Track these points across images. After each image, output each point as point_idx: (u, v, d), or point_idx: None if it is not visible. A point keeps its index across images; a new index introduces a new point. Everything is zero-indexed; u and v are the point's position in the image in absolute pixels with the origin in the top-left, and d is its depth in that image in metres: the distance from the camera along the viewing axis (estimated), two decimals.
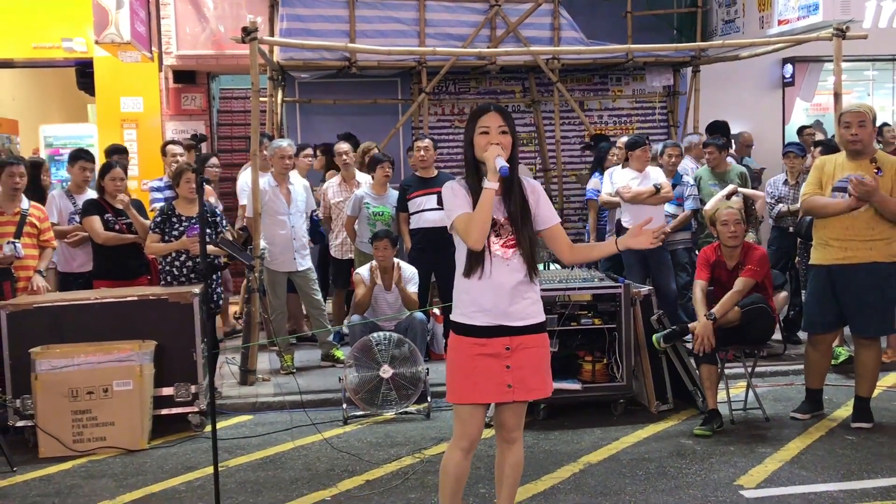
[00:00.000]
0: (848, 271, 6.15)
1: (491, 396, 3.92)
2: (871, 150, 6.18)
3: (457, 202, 3.88)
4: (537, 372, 3.97)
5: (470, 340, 3.90)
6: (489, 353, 3.88)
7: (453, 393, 3.97)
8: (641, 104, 11.73)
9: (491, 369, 3.88)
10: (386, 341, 6.79)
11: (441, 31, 10.45)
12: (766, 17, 10.63)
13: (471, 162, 3.93)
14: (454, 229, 3.89)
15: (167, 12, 11.73)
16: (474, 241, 3.78)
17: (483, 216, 3.77)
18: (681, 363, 6.83)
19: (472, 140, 3.89)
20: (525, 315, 3.91)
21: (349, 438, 6.33)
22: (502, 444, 4.13)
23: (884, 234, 6.08)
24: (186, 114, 12.21)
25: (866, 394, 6.35)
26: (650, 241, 4.06)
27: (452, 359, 3.98)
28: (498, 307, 3.86)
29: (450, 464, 4.02)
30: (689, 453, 5.83)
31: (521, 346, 3.90)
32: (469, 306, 3.90)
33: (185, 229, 7.03)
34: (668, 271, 8.41)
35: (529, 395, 3.97)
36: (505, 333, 3.88)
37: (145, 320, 6.45)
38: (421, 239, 8.26)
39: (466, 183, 3.93)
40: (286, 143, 8.13)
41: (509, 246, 3.89)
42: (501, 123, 3.85)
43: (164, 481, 5.56)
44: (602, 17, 11.51)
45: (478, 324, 3.88)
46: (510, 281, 3.87)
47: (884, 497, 4.99)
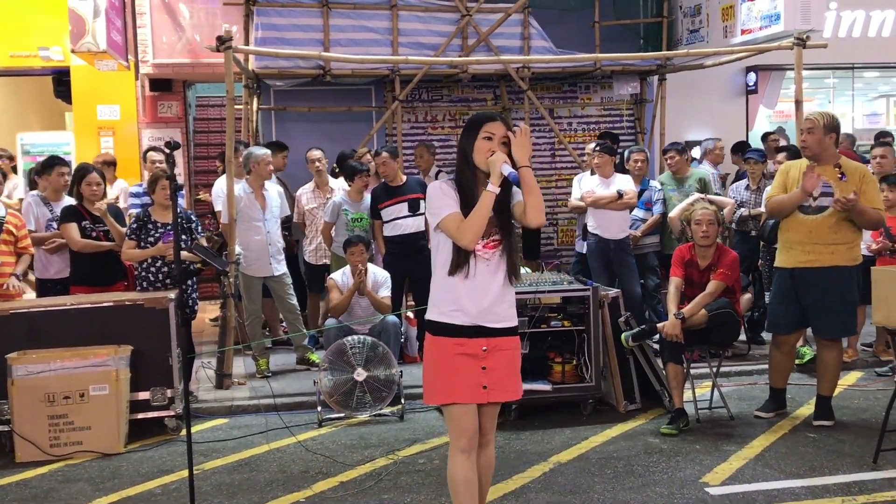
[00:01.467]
0: (810, 274, 6.20)
1: (467, 397, 3.86)
2: (833, 156, 6.22)
3: (445, 201, 3.81)
4: (511, 374, 3.95)
5: (449, 340, 3.85)
6: (467, 352, 3.84)
7: (432, 393, 3.94)
8: (609, 112, 11.80)
9: (468, 369, 3.84)
10: (360, 345, 6.77)
11: (414, 40, 10.45)
12: (730, 26, 10.70)
13: (470, 163, 3.85)
14: (441, 228, 3.83)
15: (143, 21, 11.63)
16: (469, 241, 3.75)
17: (481, 219, 3.73)
18: (648, 363, 6.87)
19: (473, 143, 3.83)
20: (503, 317, 3.89)
21: (324, 441, 6.31)
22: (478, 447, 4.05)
23: (846, 239, 6.15)
24: (163, 121, 12.13)
25: (828, 393, 6.41)
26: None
27: (431, 359, 3.94)
28: (478, 307, 3.82)
29: (455, 470, 3.91)
30: (656, 452, 5.86)
31: (496, 348, 3.87)
32: (449, 305, 3.85)
33: (160, 235, 6.98)
34: (632, 275, 8.45)
35: (503, 396, 3.94)
36: (482, 334, 3.85)
37: (121, 325, 6.39)
38: (396, 245, 8.25)
39: (456, 183, 3.88)
40: (263, 151, 8.08)
41: (492, 246, 3.86)
42: (505, 134, 3.81)
43: (141, 485, 5.51)
44: (571, 27, 11.54)
45: (457, 323, 3.83)
46: (492, 282, 3.84)
47: (844, 493, 5.03)
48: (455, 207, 3.80)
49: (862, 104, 15.59)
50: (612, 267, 8.49)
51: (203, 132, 13.75)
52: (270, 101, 10.81)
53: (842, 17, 12.84)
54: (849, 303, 6.28)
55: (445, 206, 3.80)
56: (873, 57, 13.32)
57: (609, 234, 8.44)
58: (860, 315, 7.59)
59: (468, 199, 3.80)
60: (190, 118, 12.89)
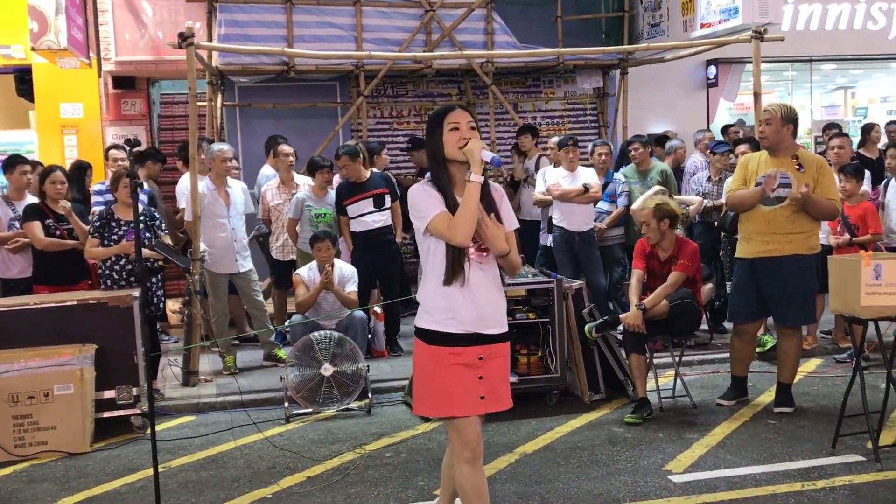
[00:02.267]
0: (770, 264, 6.27)
1: (467, 409, 3.67)
2: (790, 147, 6.29)
3: (431, 202, 3.62)
4: (504, 382, 3.80)
5: (444, 350, 3.66)
6: (463, 362, 3.65)
7: (428, 406, 3.75)
8: (573, 105, 11.86)
9: (465, 380, 3.66)
10: (327, 340, 6.74)
11: (378, 35, 10.44)
12: (690, 20, 10.78)
13: (441, 162, 3.67)
14: (431, 230, 3.62)
15: (105, 19, 11.49)
16: (463, 238, 3.55)
17: (472, 211, 3.54)
18: (612, 354, 6.90)
19: (440, 139, 3.64)
20: (497, 323, 3.73)
21: (291, 436, 6.28)
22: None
23: (804, 228, 6.22)
24: (127, 119, 11.99)
25: (788, 380, 6.48)
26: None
27: (425, 370, 3.73)
28: (474, 314, 3.64)
29: (462, 482, 3.75)
30: (620, 441, 5.89)
31: (491, 356, 3.71)
32: (443, 313, 3.65)
33: (124, 233, 6.91)
34: (596, 267, 8.50)
35: (499, 405, 3.76)
36: (478, 342, 3.67)
37: (86, 324, 6.32)
38: (363, 240, 8.22)
39: (434, 184, 3.69)
40: (226, 146, 8.02)
41: (484, 250, 3.68)
42: (470, 119, 3.65)
43: (107, 483, 5.45)
44: (533, 22, 11.58)
45: (452, 331, 3.64)
46: (485, 286, 3.68)
47: (804, 478, 5.09)
48: (441, 207, 3.60)
49: (820, 96, 15.80)
50: (577, 259, 8.53)
51: (168, 129, 13.61)
52: (235, 98, 10.75)
53: (799, 11, 12.95)
54: (808, 291, 6.36)
55: (431, 207, 3.61)
56: (830, 50, 13.45)
57: (574, 227, 8.47)
58: (819, 303, 7.67)
59: (451, 200, 3.62)
60: (154, 116, 12.76)
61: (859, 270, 5.16)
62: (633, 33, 12.22)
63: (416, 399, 3.82)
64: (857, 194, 7.55)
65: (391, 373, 7.65)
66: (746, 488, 4.97)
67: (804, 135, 14.83)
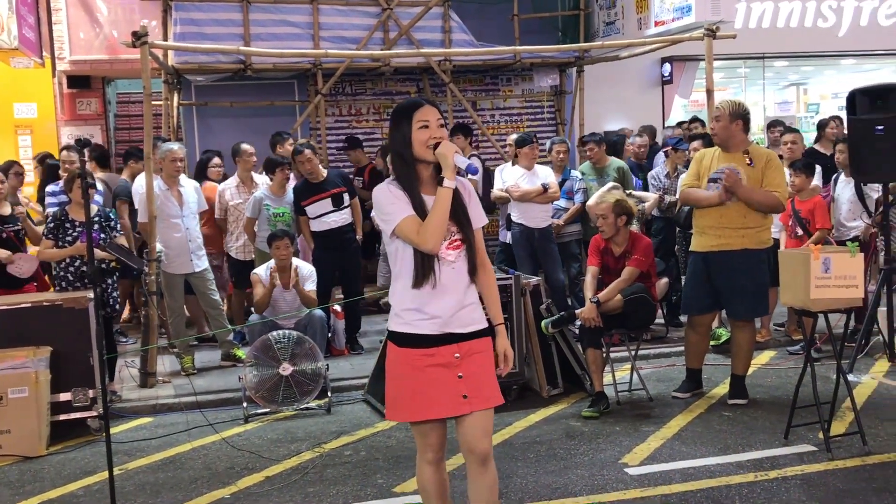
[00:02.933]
0: (722, 257, 6.34)
1: (446, 410, 3.51)
2: (741, 143, 6.36)
3: (398, 205, 3.44)
4: (489, 378, 3.59)
5: (416, 352, 3.49)
6: (438, 362, 3.48)
7: (403, 410, 3.56)
8: (530, 103, 11.87)
9: (443, 380, 3.48)
10: (285, 339, 6.70)
11: (335, 34, 10.38)
12: (644, 18, 10.85)
13: (409, 161, 3.49)
14: (398, 234, 3.45)
15: (59, 17, 11.35)
16: (433, 245, 3.40)
17: (443, 219, 3.40)
18: (569, 349, 6.93)
19: (409, 137, 3.45)
20: (471, 321, 3.55)
21: (250, 436, 6.23)
22: (473, 468, 3.59)
23: (756, 223, 6.29)
24: (82, 119, 11.85)
25: (741, 372, 6.55)
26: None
27: (397, 374, 3.55)
28: (446, 314, 3.48)
29: (423, 481, 3.68)
30: (578, 434, 5.92)
31: (469, 352, 3.52)
32: (414, 315, 3.49)
33: (78, 234, 6.81)
34: (555, 263, 8.54)
35: (487, 402, 3.55)
36: (453, 340, 3.50)
37: (40, 327, 6.23)
38: (324, 240, 8.16)
39: (400, 183, 3.52)
40: (176, 146, 7.92)
41: (455, 248, 3.52)
42: (439, 117, 3.48)
43: (62, 487, 5.38)
44: (490, 20, 11.59)
45: (423, 333, 3.49)
46: (457, 285, 3.51)
47: (757, 469, 5.15)
48: (409, 210, 3.44)
49: (773, 93, 15.99)
50: (536, 255, 8.56)
51: (125, 129, 13.46)
52: (192, 97, 10.62)
53: (752, 9, 13.11)
54: (759, 285, 6.43)
55: (398, 211, 3.44)
56: (782, 47, 13.63)
57: (533, 224, 8.51)
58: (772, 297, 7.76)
59: (417, 200, 3.46)
60: (110, 115, 12.61)
61: (809, 264, 5.23)
62: (588, 31, 12.27)
63: (390, 405, 3.62)
64: (807, 189, 7.64)
65: (351, 371, 7.63)
66: (701, 480, 5.01)
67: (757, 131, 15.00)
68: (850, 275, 5.27)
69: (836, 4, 13.47)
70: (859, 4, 13.52)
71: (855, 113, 7.31)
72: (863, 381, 6.90)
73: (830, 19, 13.51)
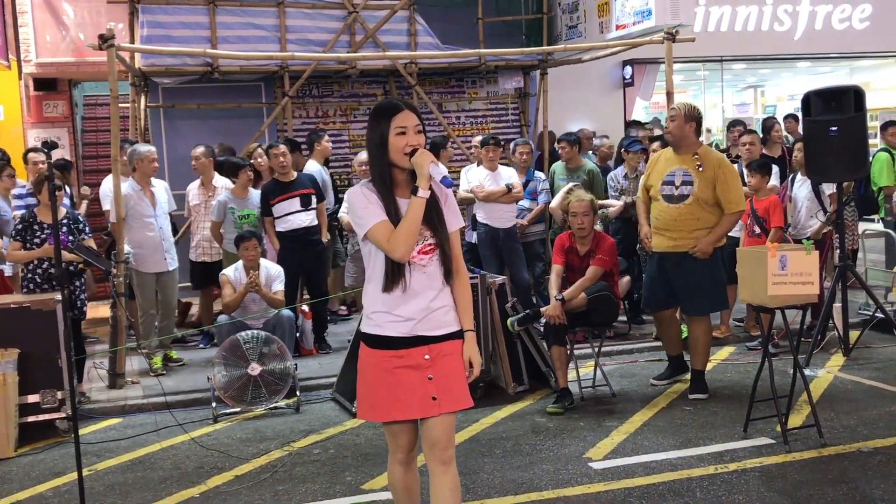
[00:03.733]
0: (676, 257, 6.49)
1: (415, 411, 3.45)
2: (692, 145, 6.48)
3: (371, 210, 3.37)
4: (459, 381, 3.50)
5: (385, 353, 3.45)
6: (408, 364, 3.43)
7: (373, 410, 3.52)
8: (495, 105, 11.91)
9: (412, 382, 3.42)
10: (254, 339, 6.66)
11: (302, 36, 10.35)
12: (606, 22, 10.93)
13: (385, 165, 3.41)
14: (370, 238, 3.39)
15: (25, 20, 11.17)
16: (402, 254, 3.34)
17: (413, 228, 3.33)
18: (534, 346, 6.97)
19: (385, 141, 3.37)
20: (442, 324, 3.48)
21: (219, 436, 6.19)
22: (435, 467, 3.51)
23: (708, 224, 6.44)
24: (49, 121, 11.70)
25: (700, 367, 6.64)
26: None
27: (367, 374, 3.51)
28: (416, 317, 3.42)
29: (394, 481, 3.67)
30: (543, 430, 5.95)
31: (440, 354, 3.45)
32: (385, 317, 3.44)
33: (47, 236, 6.73)
34: (520, 262, 8.58)
35: (456, 405, 3.48)
36: (423, 342, 3.44)
37: (7, 329, 6.14)
38: (289, 240, 8.11)
39: (375, 187, 3.44)
40: (147, 148, 7.85)
41: (427, 252, 3.45)
42: (417, 123, 3.38)
43: (31, 488, 5.32)
44: (456, 23, 11.62)
45: (393, 335, 3.43)
46: (428, 289, 3.44)
47: (717, 461, 5.21)
48: (382, 215, 3.37)
49: (731, 95, 16.20)
50: (501, 254, 8.59)
51: (92, 131, 13.32)
52: (159, 99, 10.52)
53: (710, 13, 13.25)
54: (714, 282, 6.56)
55: (372, 215, 3.37)
56: (740, 50, 13.77)
57: (498, 224, 8.54)
58: (731, 294, 7.86)
59: (391, 206, 3.40)
60: (77, 117, 12.46)
61: (766, 261, 5.30)
62: (551, 35, 12.34)
63: (361, 405, 3.59)
64: (763, 189, 7.73)
65: (320, 370, 7.60)
66: (663, 473, 5.06)
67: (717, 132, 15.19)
68: (806, 272, 5.35)
69: (791, 9, 13.64)
70: (814, 9, 13.71)
71: (810, 114, 7.42)
72: (819, 376, 7.01)
73: (786, 23, 13.68)
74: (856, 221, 8.78)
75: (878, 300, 7.78)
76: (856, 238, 8.71)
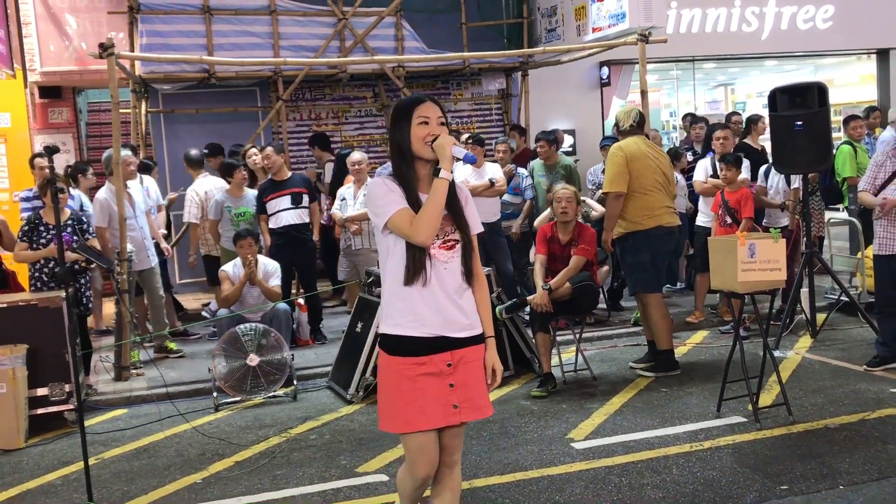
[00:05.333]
0: (617, 243, 6.90)
1: (438, 420, 3.19)
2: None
3: (391, 198, 3.15)
4: (481, 388, 3.27)
5: (407, 360, 3.17)
6: (431, 371, 3.17)
7: (396, 421, 3.21)
8: (479, 106, 11.88)
9: (435, 390, 3.17)
10: (252, 332, 6.64)
11: (294, 43, 10.31)
12: (583, 25, 10.89)
13: (407, 155, 3.20)
14: (390, 226, 3.15)
15: (29, 31, 11.10)
16: (426, 237, 3.10)
17: (437, 210, 3.10)
18: (519, 333, 6.96)
19: (408, 132, 3.18)
20: (466, 325, 3.21)
21: (220, 424, 6.17)
22: (442, 468, 3.34)
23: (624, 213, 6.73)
24: (54, 127, 11.63)
25: (661, 346, 6.65)
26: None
27: (390, 383, 3.23)
28: (438, 316, 3.16)
29: (404, 487, 3.39)
30: (528, 413, 5.95)
31: (462, 361, 3.20)
32: (405, 316, 3.17)
33: (52, 237, 6.68)
34: (504, 254, 8.57)
35: (476, 413, 3.27)
36: (445, 347, 3.18)
37: (16, 326, 6.11)
38: (280, 236, 8.09)
39: (397, 178, 3.23)
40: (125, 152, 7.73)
41: (449, 247, 3.20)
42: (440, 115, 3.20)
43: (41, 477, 5.28)
44: (440, 28, 11.58)
45: (415, 335, 3.16)
46: (450, 286, 3.18)
47: (692, 440, 5.21)
48: (403, 203, 3.14)
49: (703, 92, 16.17)
50: (486, 247, 8.56)
51: (96, 136, 13.22)
52: (159, 105, 10.47)
53: (682, 15, 13.22)
54: (632, 265, 6.77)
55: (392, 203, 3.14)
56: (711, 50, 13.75)
57: (483, 218, 8.39)
58: (704, 281, 7.87)
59: (413, 196, 3.17)
60: (82, 123, 12.39)
61: (736, 250, 5.30)
62: (532, 38, 12.31)
63: (382, 415, 3.28)
64: (736, 181, 7.73)
65: (315, 360, 7.59)
66: (641, 451, 5.07)
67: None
68: (774, 259, 5.35)
69: (758, 10, 13.63)
70: (780, 10, 13.70)
71: (776, 110, 7.41)
72: (788, 357, 7.02)
73: (754, 24, 13.68)
74: (821, 211, 8.77)
75: (842, 285, 7.80)
76: (821, 226, 8.72)
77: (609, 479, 4.66)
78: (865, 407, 5.62)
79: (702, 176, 8.38)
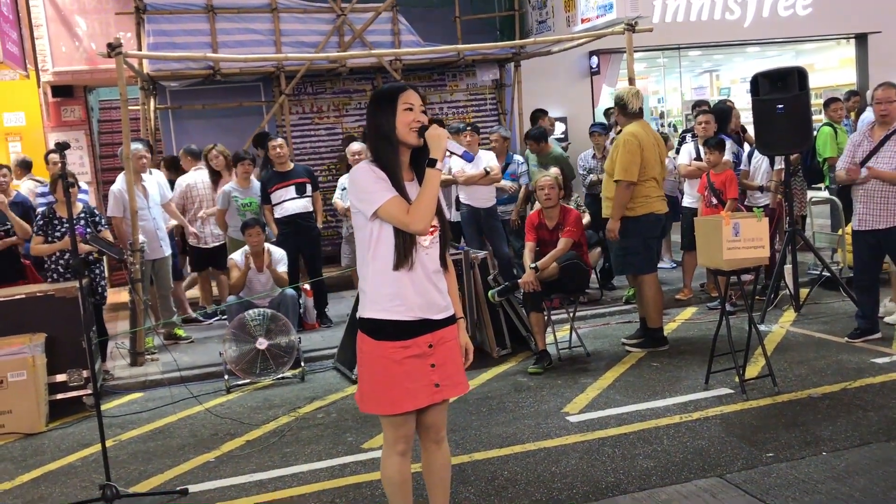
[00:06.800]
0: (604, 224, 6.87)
1: (422, 400, 3.17)
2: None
3: (381, 185, 3.05)
4: (458, 366, 3.29)
5: (391, 345, 3.13)
6: (414, 354, 3.14)
7: (383, 403, 3.17)
8: (475, 96, 11.81)
9: (419, 371, 3.15)
10: (260, 317, 6.64)
11: (295, 39, 10.25)
12: (572, 16, 10.84)
13: (394, 143, 3.09)
14: (382, 215, 3.05)
15: (41, 33, 11.06)
16: (423, 226, 3.04)
17: (433, 200, 3.05)
18: (515, 314, 6.96)
19: (393, 118, 3.07)
20: (444, 307, 3.22)
21: (231, 405, 6.18)
22: (430, 445, 3.36)
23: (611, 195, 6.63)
24: (67, 125, 11.60)
25: (651, 324, 6.64)
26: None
27: (374, 367, 3.17)
28: (422, 299, 3.13)
29: (391, 472, 3.28)
30: (525, 389, 5.96)
31: (441, 341, 3.20)
32: (392, 300, 3.11)
33: (66, 230, 6.67)
34: (500, 238, 8.55)
35: (456, 390, 3.29)
36: (427, 329, 3.16)
37: (35, 315, 6.13)
38: (286, 225, 8.07)
39: (380, 164, 3.10)
40: (134, 147, 7.70)
41: (431, 232, 3.16)
42: (421, 103, 3.13)
43: (61, 459, 5.30)
44: (435, 22, 11.52)
45: (400, 318, 3.11)
46: (431, 270, 3.17)
47: (682, 411, 5.22)
48: (393, 191, 3.05)
49: (689, 79, 16.12)
50: (483, 231, 8.56)
51: (108, 133, 13.20)
52: (167, 101, 10.43)
53: (667, 4, 13.14)
54: (623, 248, 6.65)
55: (382, 191, 3.04)
56: (696, 38, 13.67)
57: (479, 204, 8.51)
58: (691, 260, 7.86)
59: (398, 183, 3.08)
60: (93, 121, 12.35)
61: (721, 229, 5.29)
62: (523, 30, 12.24)
63: (366, 397, 3.22)
64: (720, 163, 7.71)
65: (322, 342, 7.59)
66: (633, 423, 5.07)
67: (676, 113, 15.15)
68: (758, 237, 5.35)
69: None
70: None
71: (758, 94, 7.38)
72: (773, 330, 7.02)
73: (737, 12, 13.59)
74: (804, 190, 8.75)
75: (824, 261, 7.79)
76: (803, 205, 8.70)
77: (603, 451, 4.67)
78: (847, 377, 5.62)
79: (686, 159, 8.37)
